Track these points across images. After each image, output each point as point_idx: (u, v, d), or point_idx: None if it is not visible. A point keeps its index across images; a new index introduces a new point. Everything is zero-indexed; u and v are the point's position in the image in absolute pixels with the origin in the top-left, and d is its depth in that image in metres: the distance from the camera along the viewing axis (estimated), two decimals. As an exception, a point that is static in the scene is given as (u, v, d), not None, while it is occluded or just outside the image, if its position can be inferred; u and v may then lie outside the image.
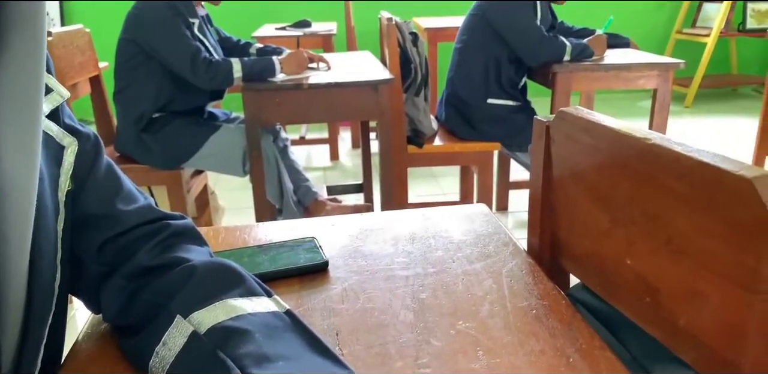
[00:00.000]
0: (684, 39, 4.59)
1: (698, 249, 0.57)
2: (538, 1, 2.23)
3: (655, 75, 2.22)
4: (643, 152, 0.63)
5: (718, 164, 0.55)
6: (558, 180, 0.77)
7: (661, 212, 0.61)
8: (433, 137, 2.22)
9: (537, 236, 0.81)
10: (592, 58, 2.25)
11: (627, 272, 0.67)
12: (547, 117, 0.79)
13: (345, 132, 3.77)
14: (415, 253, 0.77)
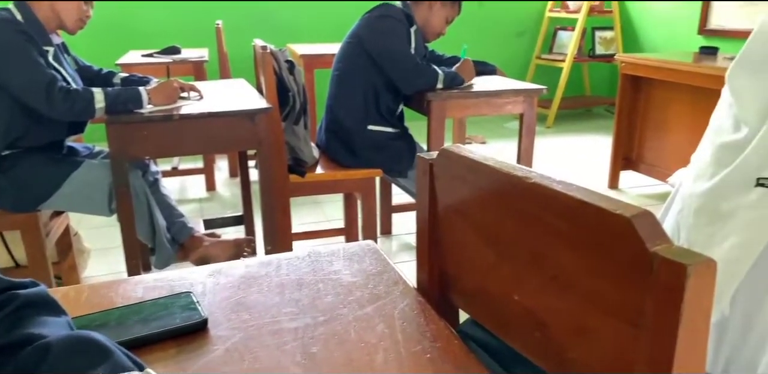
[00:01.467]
0: (543, 64, 4.94)
1: (584, 286, 0.59)
2: (412, 31, 2.29)
3: (521, 100, 2.34)
4: (524, 191, 0.64)
5: (597, 202, 0.56)
6: (444, 216, 0.77)
7: (546, 249, 0.62)
8: (315, 165, 2.19)
9: (426, 273, 0.80)
10: (463, 85, 2.34)
11: (515, 308, 0.67)
12: (429, 154, 0.79)
13: (222, 161, 3.64)
14: (304, 301, 0.73)
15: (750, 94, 0.76)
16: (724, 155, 0.77)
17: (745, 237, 0.63)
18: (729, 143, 0.77)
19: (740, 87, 0.79)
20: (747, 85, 0.77)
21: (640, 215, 0.53)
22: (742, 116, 0.77)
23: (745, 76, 0.77)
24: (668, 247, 0.51)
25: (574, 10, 4.69)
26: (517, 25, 5.00)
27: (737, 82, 0.79)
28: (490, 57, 2.95)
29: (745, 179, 0.70)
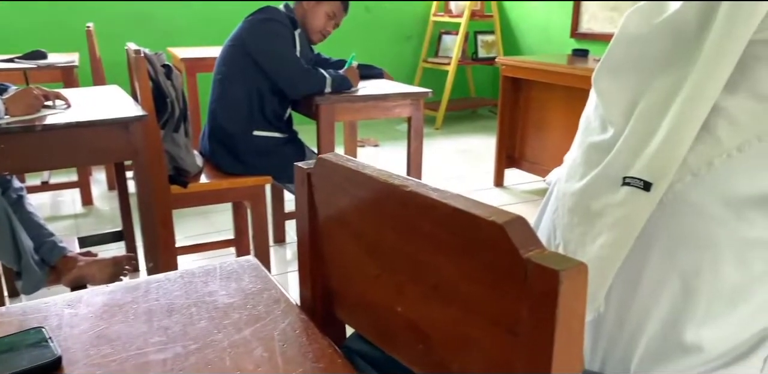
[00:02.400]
0: (430, 67, 5.05)
1: (464, 294, 0.58)
2: (296, 34, 2.25)
3: (409, 104, 2.36)
4: (402, 200, 0.62)
5: (471, 210, 0.55)
6: (325, 228, 0.74)
7: (426, 259, 0.61)
8: (199, 175, 2.09)
9: (309, 288, 0.76)
10: (351, 89, 2.32)
11: (399, 320, 0.65)
12: (307, 163, 0.76)
13: (99, 173, 3.40)
14: (174, 328, 0.67)
15: (614, 95, 0.78)
16: (593, 155, 0.78)
17: (615, 236, 0.65)
18: (597, 144, 0.79)
19: (605, 89, 0.80)
20: (611, 86, 0.79)
21: (513, 222, 0.52)
22: (608, 117, 0.79)
23: (609, 78, 0.79)
24: (541, 253, 0.51)
25: (457, 15, 4.83)
26: (403, 29, 5.08)
27: (602, 84, 0.81)
28: (379, 61, 2.96)
29: (613, 178, 0.72)
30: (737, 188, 0.63)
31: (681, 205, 0.66)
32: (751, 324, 0.65)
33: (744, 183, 0.63)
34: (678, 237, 0.66)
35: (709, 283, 0.64)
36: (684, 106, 0.66)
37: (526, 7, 4.95)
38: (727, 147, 0.64)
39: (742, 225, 0.63)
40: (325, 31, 2.37)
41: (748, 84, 0.65)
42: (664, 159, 0.66)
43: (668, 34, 0.72)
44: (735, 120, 0.65)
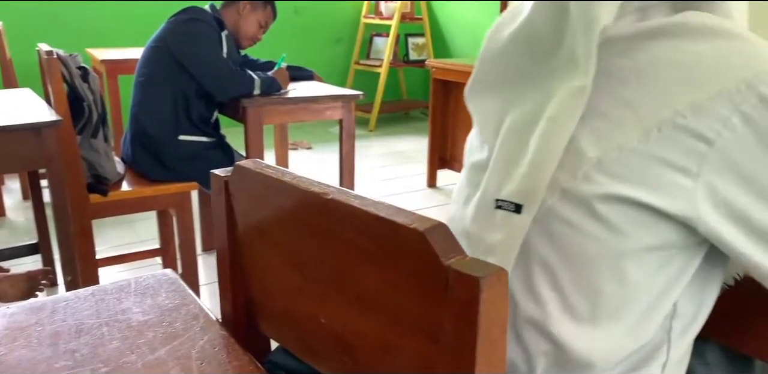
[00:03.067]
0: (362, 69, 5.05)
1: (387, 303, 0.56)
2: (223, 35, 2.19)
3: (340, 106, 2.35)
4: (323, 208, 0.60)
5: (392, 217, 0.54)
6: (245, 238, 0.71)
7: (349, 268, 0.59)
8: (121, 182, 1.99)
9: (230, 301, 0.73)
10: (280, 91, 2.28)
11: (323, 332, 0.63)
12: (225, 171, 0.72)
13: (12, 182, 3.20)
14: (83, 350, 0.62)
15: (485, 113, 0.74)
16: (474, 175, 0.75)
17: (494, 261, 0.63)
18: (477, 164, 0.75)
19: (477, 106, 0.76)
20: (482, 103, 0.75)
21: (434, 229, 0.51)
22: (483, 136, 0.75)
23: (480, 94, 0.75)
24: (462, 259, 0.50)
25: (387, 17, 4.85)
26: (334, 31, 5.06)
27: (473, 101, 0.77)
28: (310, 63, 2.92)
29: (489, 201, 0.69)
30: (601, 201, 0.61)
31: (554, 222, 0.63)
32: (639, 333, 0.64)
33: (608, 194, 0.60)
34: (555, 254, 0.64)
35: (590, 298, 0.63)
36: (549, 124, 0.63)
37: (454, 9, 5.03)
38: (589, 158, 0.61)
39: (613, 237, 0.61)
40: (255, 38, 2.33)
41: (614, 86, 0.61)
42: (533, 180, 0.63)
43: (522, 46, 0.69)
44: (596, 129, 0.61)
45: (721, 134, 0.56)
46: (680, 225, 0.61)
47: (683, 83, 0.57)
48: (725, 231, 0.59)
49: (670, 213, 0.59)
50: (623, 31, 0.62)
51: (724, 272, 0.69)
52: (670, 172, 0.58)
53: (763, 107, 0.56)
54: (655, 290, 0.64)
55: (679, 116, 0.57)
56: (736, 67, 0.57)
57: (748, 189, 0.57)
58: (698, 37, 0.59)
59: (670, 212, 0.59)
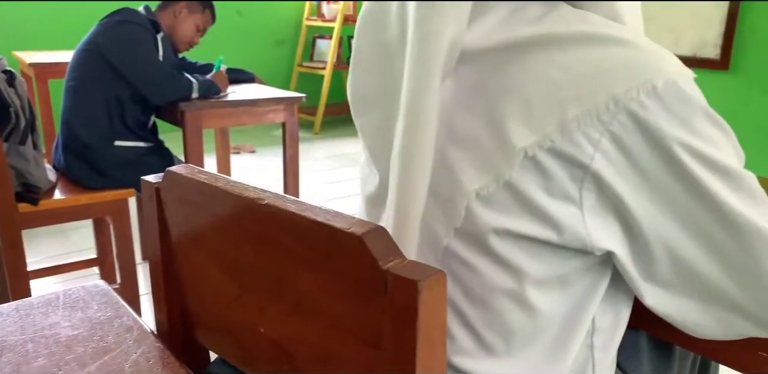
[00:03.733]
0: (305, 72, 5.01)
1: (326, 310, 0.55)
2: (159, 38, 2.12)
3: (282, 109, 2.32)
4: (259, 214, 0.58)
5: (330, 221, 0.53)
6: (179, 246, 0.69)
7: (287, 274, 0.58)
8: (52, 190, 1.91)
9: (165, 313, 0.70)
10: (220, 94, 2.23)
11: (262, 341, 0.62)
12: (156, 177, 0.70)
13: (-63, 190, 3.02)
14: (5, 369, 0.59)
15: (372, 133, 0.65)
16: (371, 210, 0.68)
17: None
18: (370, 197, 0.68)
19: (362, 123, 0.67)
20: (367, 121, 0.66)
21: (372, 232, 0.51)
22: (375, 161, 0.66)
23: (364, 110, 0.66)
24: (400, 263, 0.50)
25: (330, 19, 4.83)
26: (276, 33, 5.00)
27: (358, 118, 0.68)
28: (252, 66, 2.88)
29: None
30: (490, 237, 0.57)
31: (453, 262, 0.60)
32: (560, 355, 0.63)
33: (497, 229, 0.56)
34: (459, 294, 0.60)
35: (502, 333, 0.61)
36: (399, 160, 0.57)
37: (396, 13, 5.05)
38: (469, 192, 0.56)
39: (511, 272, 0.58)
40: (192, 42, 2.28)
41: (486, 107, 0.55)
42: (399, 227, 0.57)
43: (384, 53, 0.62)
44: (472, 158, 0.56)
45: (594, 158, 0.53)
46: (578, 252, 0.58)
47: (552, 102, 0.52)
48: (617, 253, 0.57)
49: (562, 243, 0.56)
50: (490, 41, 0.56)
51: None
52: (553, 201, 0.54)
53: (633, 126, 0.52)
54: (567, 312, 0.61)
55: (548, 140, 0.53)
56: (606, 82, 0.52)
57: (621, 215, 0.55)
58: (569, 46, 0.53)
59: (563, 242, 0.56)
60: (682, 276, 0.57)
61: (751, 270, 0.56)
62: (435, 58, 0.54)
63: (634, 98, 0.51)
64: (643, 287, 0.59)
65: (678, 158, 0.52)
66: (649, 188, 0.54)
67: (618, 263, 0.59)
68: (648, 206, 0.54)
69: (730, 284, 0.57)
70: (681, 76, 0.53)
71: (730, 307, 0.58)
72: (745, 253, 0.55)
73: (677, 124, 0.52)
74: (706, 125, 0.54)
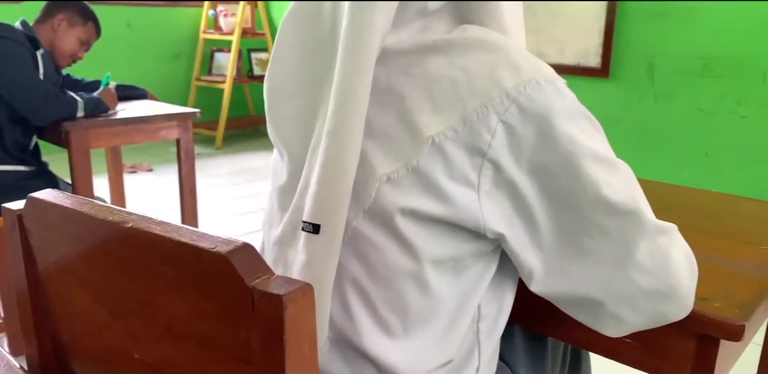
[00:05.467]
0: (204, 86, 4.90)
1: (198, 331, 0.55)
2: (39, 54, 2.02)
3: (176, 125, 2.26)
4: (125, 237, 0.58)
5: (195, 242, 0.53)
6: (46, 276, 0.66)
7: (156, 298, 0.57)
8: None
9: (35, 346, 0.68)
10: (108, 112, 2.15)
11: (138, 367, 0.61)
12: (17, 204, 0.67)
13: None
14: None
15: (290, 122, 0.70)
16: (283, 199, 0.72)
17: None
18: (284, 186, 0.72)
19: (279, 116, 0.71)
20: (286, 111, 0.70)
21: (238, 250, 0.51)
22: (288, 151, 0.71)
23: (284, 102, 0.70)
24: (267, 279, 0.51)
25: (227, 32, 4.76)
26: (172, 47, 4.86)
27: (276, 111, 0.72)
28: (147, 81, 2.79)
29: (296, 223, 0.68)
30: (396, 217, 0.62)
31: (361, 242, 0.65)
32: (450, 339, 0.67)
33: (403, 209, 0.62)
34: (364, 273, 0.65)
35: (399, 312, 0.65)
36: (329, 139, 0.61)
37: (295, 26, 5.04)
38: (380, 176, 0.62)
39: (413, 252, 0.63)
40: (75, 56, 2.18)
41: (397, 103, 0.62)
42: (326, 199, 0.62)
43: (312, 47, 0.66)
44: (384, 147, 0.62)
45: (491, 145, 0.60)
46: (473, 234, 0.64)
47: (454, 98, 0.60)
48: (506, 235, 0.63)
49: (460, 224, 0.63)
50: (403, 45, 0.63)
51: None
52: (454, 185, 0.61)
53: (522, 116, 0.60)
54: (458, 297, 0.67)
55: (451, 130, 0.60)
56: (498, 79, 0.60)
57: (514, 198, 0.62)
58: (467, 51, 0.62)
59: (460, 223, 0.63)
60: (565, 257, 0.64)
61: (624, 251, 0.63)
62: (368, 45, 0.60)
63: (522, 92, 0.60)
64: (529, 269, 0.65)
65: (562, 144, 0.61)
66: (538, 172, 0.61)
67: (507, 247, 0.65)
68: (537, 189, 0.62)
69: (606, 265, 0.64)
70: (558, 79, 0.63)
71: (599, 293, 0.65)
72: (620, 229, 0.62)
73: (559, 115, 0.61)
74: (582, 118, 0.63)
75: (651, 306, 0.66)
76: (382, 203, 0.63)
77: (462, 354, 0.70)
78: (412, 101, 0.62)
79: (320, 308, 0.64)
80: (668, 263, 0.65)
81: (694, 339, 0.76)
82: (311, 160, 0.66)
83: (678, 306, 0.67)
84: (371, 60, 0.61)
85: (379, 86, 0.63)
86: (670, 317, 0.68)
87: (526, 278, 0.67)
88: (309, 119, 0.67)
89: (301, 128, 0.68)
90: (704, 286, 0.77)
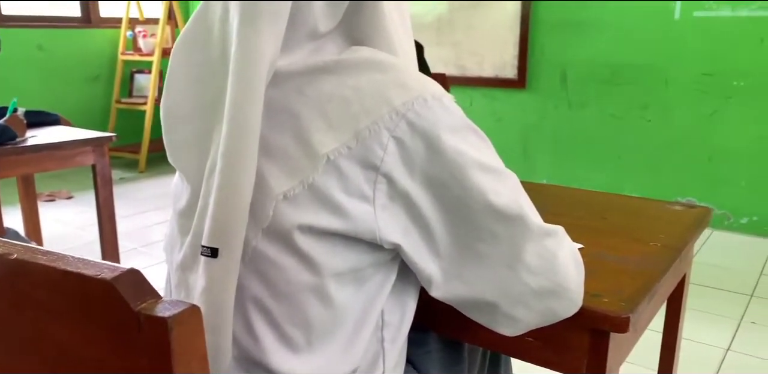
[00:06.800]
0: (125, 108, 4.77)
1: (88, 360, 0.55)
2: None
3: (90, 150, 2.20)
4: (11, 269, 0.57)
5: (81, 270, 0.53)
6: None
7: (45, 330, 0.56)
8: None
9: None
10: (16, 140, 2.07)
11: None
12: None
13: None
14: None
15: (187, 146, 0.70)
16: (183, 222, 0.72)
17: (204, 311, 0.63)
18: (183, 210, 0.72)
19: (176, 139, 0.71)
20: (182, 135, 0.70)
21: (123, 276, 0.52)
22: (186, 175, 0.71)
23: (180, 125, 0.70)
24: (153, 303, 0.51)
25: (147, 53, 4.67)
26: (89, 69, 4.71)
27: (172, 134, 0.71)
28: (62, 105, 2.71)
29: (196, 247, 0.68)
30: (294, 234, 0.64)
31: (261, 261, 0.66)
32: (354, 349, 0.69)
33: (301, 226, 0.64)
34: (266, 291, 0.66)
35: (302, 326, 0.67)
36: (223, 161, 0.62)
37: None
38: (276, 194, 0.64)
39: (313, 268, 0.65)
40: None
41: (292, 123, 0.64)
42: (223, 222, 0.62)
43: (203, 69, 0.68)
44: (281, 166, 0.64)
45: (384, 159, 0.63)
46: (371, 246, 0.67)
47: (347, 116, 0.63)
48: (402, 246, 0.66)
49: (358, 236, 0.65)
50: (295, 67, 0.65)
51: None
52: (350, 199, 0.63)
53: (411, 131, 0.63)
54: (361, 307, 0.69)
55: (345, 147, 0.63)
56: (387, 97, 0.63)
57: (409, 209, 0.65)
58: (358, 71, 0.64)
59: (358, 236, 0.65)
60: (461, 262, 0.68)
61: (514, 254, 0.67)
62: (256, 71, 0.62)
63: (410, 108, 0.63)
64: (428, 276, 0.68)
65: (450, 157, 0.64)
66: (430, 184, 0.65)
67: (405, 257, 0.68)
68: (431, 199, 0.65)
69: (498, 268, 0.68)
70: (444, 96, 0.66)
71: (495, 295, 0.69)
72: (509, 234, 0.67)
73: (446, 129, 0.64)
74: (469, 132, 0.67)
75: (542, 305, 0.70)
76: (281, 222, 0.64)
77: (367, 361, 0.72)
78: (307, 120, 0.64)
79: (223, 330, 0.65)
80: (555, 263, 0.69)
81: (588, 334, 0.80)
82: (208, 183, 0.66)
83: (567, 302, 0.71)
84: (261, 83, 0.62)
85: (275, 107, 0.65)
86: (561, 313, 0.72)
87: (425, 285, 0.70)
88: (205, 143, 0.68)
89: (198, 152, 0.69)
90: (596, 283, 0.83)
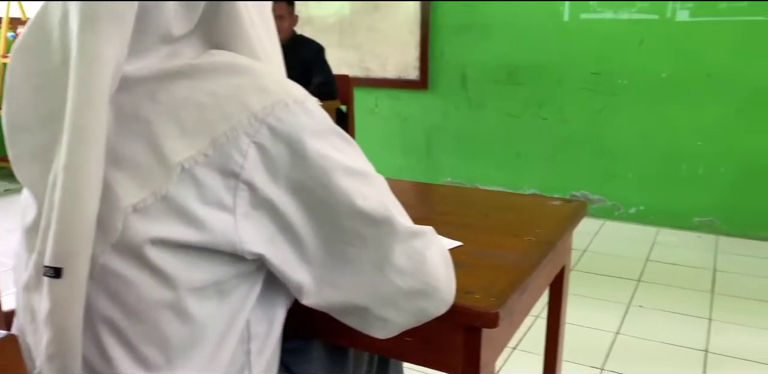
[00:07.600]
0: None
1: None
2: None
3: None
4: None
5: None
6: None
7: None
8: None
9: None
10: None
11: None
12: None
13: None
14: None
15: (30, 159, 0.66)
16: (29, 240, 0.68)
17: (50, 335, 0.58)
18: (30, 227, 0.68)
19: (20, 152, 0.67)
20: (25, 147, 0.67)
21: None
22: (31, 189, 0.67)
23: (23, 138, 0.67)
24: None
25: None
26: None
27: (17, 148, 0.67)
28: None
29: (40, 267, 0.63)
30: (146, 248, 0.60)
31: (110, 279, 0.61)
32: (216, 363, 0.66)
33: (153, 239, 0.60)
34: (117, 311, 0.62)
35: (159, 345, 0.63)
36: (65, 174, 0.58)
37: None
38: (125, 207, 0.60)
39: (168, 282, 0.61)
40: None
41: (144, 130, 0.61)
42: (66, 240, 0.58)
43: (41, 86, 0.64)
44: (131, 176, 0.60)
45: (244, 166, 0.60)
46: (232, 257, 0.63)
47: (202, 122, 0.60)
48: (267, 255, 0.63)
49: (216, 248, 0.61)
50: (146, 71, 0.62)
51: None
52: (208, 209, 0.60)
53: (273, 136, 0.60)
54: (223, 321, 0.66)
55: (202, 155, 0.59)
56: (246, 102, 0.60)
57: (274, 217, 0.63)
58: (214, 75, 0.61)
59: (217, 247, 0.61)
60: (332, 268, 0.66)
61: (382, 256, 0.66)
62: (98, 76, 0.58)
63: (270, 113, 0.60)
64: (298, 284, 0.66)
65: (314, 161, 0.62)
66: (296, 189, 0.62)
67: (271, 266, 0.65)
68: (297, 205, 0.63)
69: (368, 271, 0.66)
70: (307, 99, 0.63)
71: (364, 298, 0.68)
72: (376, 236, 0.66)
73: (309, 133, 0.62)
74: (333, 135, 0.65)
75: (412, 305, 0.70)
76: (130, 235, 0.60)
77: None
78: (159, 126, 0.60)
79: (71, 355, 0.61)
80: (424, 263, 0.69)
81: (462, 331, 0.81)
82: (51, 198, 0.62)
83: (438, 301, 0.71)
84: (103, 89, 0.58)
85: (125, 113, 0.61)
86: (432, 312, 0.72)
87: (296, 293, 0.67)
88: (48, 155, 0.64)
89: (41, 165, 0.65)
90: (472, 280, 0.83)
